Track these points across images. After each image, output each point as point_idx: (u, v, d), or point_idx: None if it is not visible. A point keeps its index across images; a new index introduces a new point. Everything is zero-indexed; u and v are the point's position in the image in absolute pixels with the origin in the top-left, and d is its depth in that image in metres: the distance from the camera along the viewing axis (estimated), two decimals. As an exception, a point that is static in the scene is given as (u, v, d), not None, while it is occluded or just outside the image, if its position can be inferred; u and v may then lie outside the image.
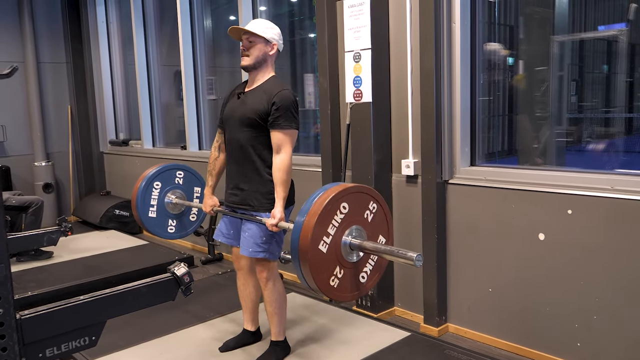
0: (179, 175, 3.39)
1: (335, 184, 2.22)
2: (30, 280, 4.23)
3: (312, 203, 2.09)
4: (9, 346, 1.51)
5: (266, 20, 2.71)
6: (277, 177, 2.58)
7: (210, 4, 5.59)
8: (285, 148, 2.58)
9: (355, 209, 2.13)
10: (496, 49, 3.62)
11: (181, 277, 2.28)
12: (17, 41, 6.33)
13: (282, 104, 2.55)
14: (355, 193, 2.14)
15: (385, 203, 2.28)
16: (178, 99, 6.14)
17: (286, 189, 2.59)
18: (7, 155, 6.33)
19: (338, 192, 2.08)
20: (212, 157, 2.94)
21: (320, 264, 2.07)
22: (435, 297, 3.26)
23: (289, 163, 2.58)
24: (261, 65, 2.67)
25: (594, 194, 2.64)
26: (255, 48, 2.64)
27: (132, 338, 3.22)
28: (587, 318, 2.71)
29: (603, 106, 3.77)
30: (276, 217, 2.54)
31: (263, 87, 2.67)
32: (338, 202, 2.07)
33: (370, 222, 2.20)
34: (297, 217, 2.11)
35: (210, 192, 2.99)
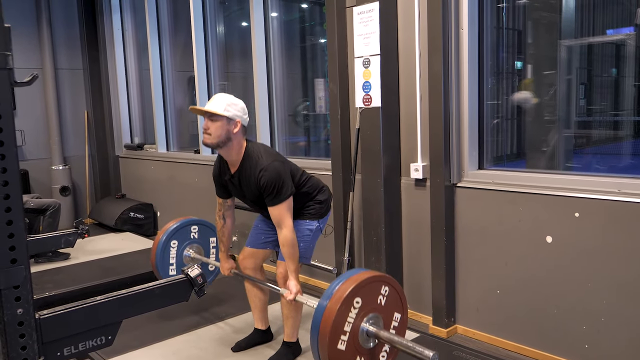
0: (193, 230, 3.50)
1: (348, 276, 2.20)
2: (48, 281, 4.33)
3: (328, 299, 2.10)
4: (29, 345, 1.56)
5: (228, 96, 2.68)
6: (284, 252, 2.65)
7: (223, 10, 5.67)
8: (284, 222, 2.62)
9: (368, 299, 2.16)
10: (527, 97, 3.70)
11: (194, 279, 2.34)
12: (36, 48, 6.47)
13: (268, 183, 2.58)
14: (366, 285, 2.16)
15: (395, 282, 2.29)
16: (191, 104, 6.23)
17: (296, 261, 2.65)
18: (26, 159, 6.46)
19: (350, 292, 2.09)
20: (219, 225, 3.02)
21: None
22: (444, 298, 3.29)
23: (292, 235, 2.63)
24: (225, 143, 2.63)
25: (602, 197, 2.66)
26: (216, 127, 2.60)
27: (145, 338, 3.29)
28: (595, 320, 2.72)
29: (611, 109, 3.77)
30: (293, 292, 2.62)
31: (246, 172, 2.68)
32: (351, 300, 2.10)
33: (385, 305, 2.23)
34: (317, 307, 2.15)
35: (225, 257, 3.09)
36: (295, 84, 5.33)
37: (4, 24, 1.37)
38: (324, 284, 4.20)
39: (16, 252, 1.45)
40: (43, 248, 3.79)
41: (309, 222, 2.84)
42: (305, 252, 2.81)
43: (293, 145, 5.15)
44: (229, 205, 2.97)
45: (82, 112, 6.99)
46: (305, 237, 2.80)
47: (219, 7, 5.61)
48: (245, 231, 4.53)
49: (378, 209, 3.48)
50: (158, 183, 6.26)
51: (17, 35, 6.13)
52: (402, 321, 2.32)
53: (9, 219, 1.42)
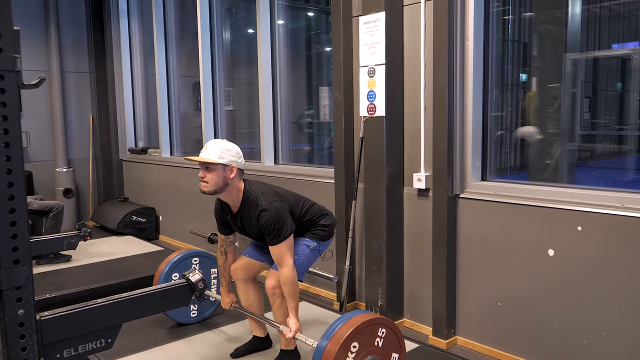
0: (194, 262, 3.52)
1: (345, 319, 2.26)
2: (49, 283, 4.34)
3: (322, 353, 2.17)
4: (29, 346, 1.56)
5: (222, 142, 2.69)
6: (285, 290, 2.67)
7: (229, 17, 5.71)
8: (285, 260, 2.65)
9: (365, 342, 2.22)
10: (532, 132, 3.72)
11: (195, 284, 2.35)
12: (43, 51, 6.52)
13: (268, 223, 2.61)
14: (363, 329, 2.21)
15: (393, 323, 2.34)
16: (196, 109, 6.26)
17: (296, 299, 2.68)
18: (30, 161, 6.49)
19: (345, 338, 2.15)
20: (220, 261, 3.05)
21: None
22: (444, 309, 3.28)
23: (292, 274, 2.65)
24: (223, 189, 2.66)
25: (604, 212, 2.65)
26: (213, 175, 2.62)
27: (145, 342, 3.29)
28: (595, 335, 2.71)
29: (616, 124, 3.77)
30: (292, 330, 2.65)
31: (246, 210, 2.72)
32: (347, 346, 2.15)
33: (382, 346, 2.28)
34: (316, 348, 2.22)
35: (226, 291, 3.11)
36: (300, 91, 5.35)
37: (13, 27, 1.38)
38: (324, 292, 4.20)
39: (19, 253, 1.46)
40: (45, 249, 3.81)
41: (308, 240, 2.88)
42: (299, 268, 2.80)
43: (296, 153, 5.16)
44: (230, 241, 3.02)
45: (87, 115, 7.02)
46: (300, 252, 2.82)
47: (226, 14, 5.64)
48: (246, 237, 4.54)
49: (380, 218, 3.48)
50: (161, 187, 6.28)
51: (25, 38, 6.16)
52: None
53: (13, 220, 1.43)
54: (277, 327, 2.78)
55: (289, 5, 5.03)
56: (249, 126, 5.58)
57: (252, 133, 5.32)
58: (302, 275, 2.87)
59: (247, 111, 5.73)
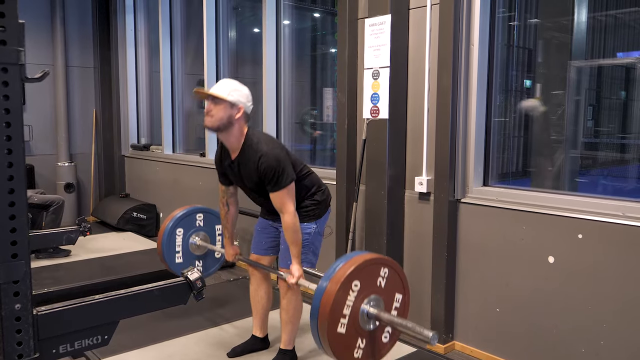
0: (199, 218, 3.48)
1: (345, 259, 2.17)
2: (48, 277, 4.33)
3: (328, 280, 2.09)
4: (25, 340, 1.55)
5: (234, 82, 2.67)
6: (288, 237, 2.64)
7: (235, 16, 5.71)
8: (286, 207, 2.61)
9: (367, 282, 2.14)
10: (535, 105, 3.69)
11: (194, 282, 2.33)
12: (49, 45, 6.52)
13: (268, 169, 2.56)
14: (365, 268, 2.13)
15: (395, 263, 2.28)
16: (199, 107, 6.26)
17: (298, 246, 2.64)
18: (32, 154, 6.49)
19: (346, 277, 2.07)
20: (222, 212, 3.01)
21: (342, 344, 2.09)
22: (443, 314, 3.28)
23: (294, 220, 2.62)
24: (227, 128, 2.62)
25: (605, 220, 2.65)
26: (218, 109, 2.59)
27: (142, 339, 3.28)
28: (594, 343, 2.70)
29: (619, 132, 3.76)
30: (295, 276, 2.61)
31: (245, 158, 2.66)
32: (349, 283, 2.08)
33: (385, 287, 2.21)
34: (317, 289, 2.13)
35: (230, 243, 3.08)
36: (304, 92, 5.35)
37: (18, 20, 1.38)
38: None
39: (17, 247, 1.45)
40: (45, 244, 3.81)
41: (306, 224, 2.78)
42: (307, 256, 2.78)
43: (299, 153, 5.16)
44: (231, 193, 2.96)
45: (90, 110, 7.03)
46: (304, 242, 2.77)
47: (232, 13, 5.64)
48: (246, 236, 4.54)
49: (381, 220, 3.47)
50: (162, 184, 6.28)
51: (30, 32, 6.17)
52: (404, 302, 2.30)
53: (12, 213, 1.43)
54: (279, 274, 2.72)
55: (295, 6, 5.03)
56: (252, 125, 5.56)
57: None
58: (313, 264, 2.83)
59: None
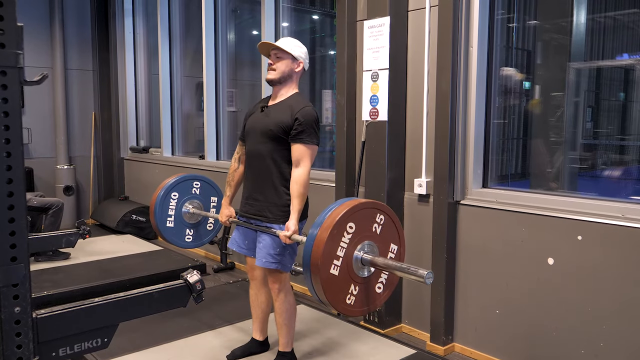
0: (195, 186, 3.45)
1: (340, 202, 2.15)
2: (47, 280, 4.32)
3: (318, 227, 2.05)
4: (24, 344, 1.55)
5: (295, 39, 2.78)
6: (295, 189, 2.62)
7: (234, 18, 5.71)
8: (304, 162, 2.63)
9: (362, 226, 2.10)
10: (511, 74, 3.65)
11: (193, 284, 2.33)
12: (47, 48, 6.53)
13: (305, 119, 2.63)
14: (360, 211, 2.09)
15: (391, 211, 2.23)
16: (199, 110, 6.26)
17: (302, 202, 2.63)
18: (31, 157, 6.49)
19: (342, 216, 2.03)
20: (232, 168, 3.00)
21: (335, 286, 2.06)
22: (443, 316, 3.27)
23: (307, 177, 2.63)
24: (286, 80, 2.75)
25: (605, 221, 2.65)
26: (282, 63, 2.72)
27: (141, 342, 3.28)
28: (594, 345, 2.70)
29: (618, 133, 3.77)
30: (290, 230, 2.57)
31: (287, 102, 2.74)
32: (343, 224, 2.04)
33: (380, 234, 2.16)
34: (307, 236, 2.10)
35: (227, 203, 3.04)
36: (303, 94, 5.34)
37: (16, 23, 1.38)
38: (322, 296, 4.18)
39: (17, 250, 1.45)
40: (44, 247, 3.79)
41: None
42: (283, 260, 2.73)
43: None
44: None
45: (89, 113, 7.02)
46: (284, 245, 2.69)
47: (231, 15, 5.65)
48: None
49: (380, 222, 3.47)
50: (161, 187, 6.27)
51: (29, 34, 6.18)
52: (399, 253, 2.25)
53: (11, 216, 1.42)
54: (273, 230, 2.66)
55: (294, 8, 5.03)
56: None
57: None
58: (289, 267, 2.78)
59: (249, 112, 5.73)
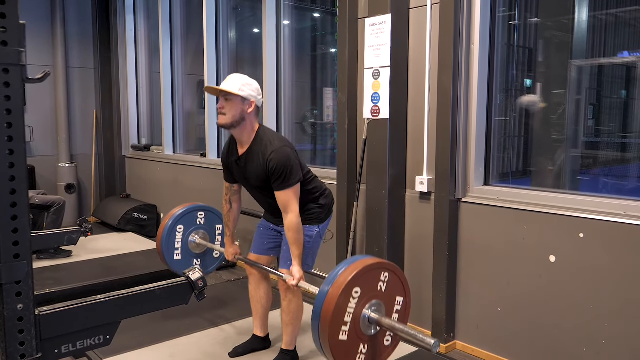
0: (200, 216, 3.48)
1: (343, 267, 2.16)
2: (49, 278, 4.34)
3: (323, 298, 2.09)
4: (27, 341, 1.56)
5: (243, 77, 2.68)
6: (289, 237, 2.64)
7: (235, 16, 5.71)
8: (291, 207, 2.62)
9: (367, 288, 2.15)
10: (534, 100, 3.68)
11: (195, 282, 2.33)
12: (49, 46, 6.53)
13: (277, 165, 2.57)
14: (364, 275, 2.14)
15: (394, 266, 2.28)
16: (200, 108, 6.26)
17: (300, 247, 2.64)
18: (33, 155, 6.50)
19: (347, 284, 2.07)
20: (225, 210, 3.02)
21: (345, 350, 2.09)
22: (444, 313, 3.28)
23: (297, 221, 2.62)
24: (239, 123, 2.65)
25: (607, 219, 2.65)
26: (231, 107, 2.61)
27: (143, 339, 3.29)
28: (595, 342, 2.70)
29: (620, 131, 3.76)
30: (296, 278, 2.60)
31: (255, 150, 2.68)
32: (349, 291, 2.08)
33: (385, 291, 2.22)
34: (315, 299, 2.14)
35: (230, 241, 3.09)
36: (304, 92, 5.35)
37: (19, 21, 1.38)
38: (324, 293, 4.19)
39: (19, 248, 1.45)
40: (46, 245, 3.81)
41: (308, 227, 2.80)
42: (307, 259, 2.79)
43: (300, 153, 5.15)
44: (235, 190, 2.97)
45: (91, 111, 7.03)
46: (305, 245, 2.79)
47: (232, 13, 5.65)
48: (248, 236, 4.53)
49: (381, 220, 3.47)
50: (163, 185, 6.28)
51: (31, 32, 6.18)
52: (405, 304, 2.31)
53: (14, 214, 1.43)
54: (280, 276, 2.71)
55: (295, 6, 5.03)
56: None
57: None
58: (310, 266, 2.84)
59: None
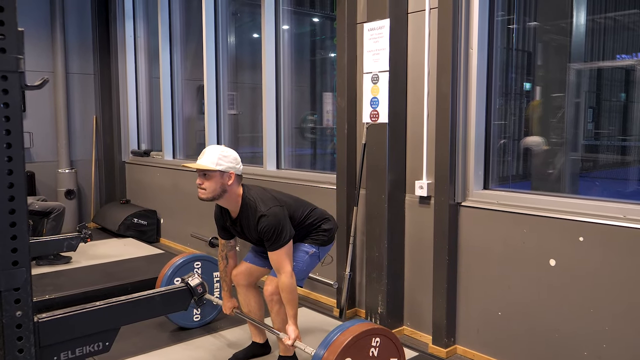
0: (196, 266, 3.52)
1: (331, 340, 2.24)
2: (49, 284, 4.33)
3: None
4: (26, 348, 1.55)
5: (219, 148, 2.68)
6: (284, 297, 2.66)
7: (234, 21, 5.72)
8: (283, 267, 2.63)
9: (358, 356, 2.20)
10: (538, 142, 3.70)
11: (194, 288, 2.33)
12: (48, 52, 6.54)
13: (267, 229, 2.60)
14: (355, 343, 2.19)
15: (385, 330, 2.34)
16: (199, 113, 6.26)
17: (294, 306, 2.66)
18: (33, 161, 6.50)
19: (337, 357, 2.14)
20: (222, 266, 3.04)
21: None
22: (445, 318, 3.27)
23: (290, 281, 2.63)
24: (221, 195, 2.66)
25: (606, 222, 2.64)
26: (210, 182, 2.62)
27: (143, 345, 3.28)
28: (596, 347, 2.69)
29: (619, 134, 3.76)
30: (291, 337, 2.63)
31: (246, 216, 2.72)
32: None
33: (378, 355, 2.28)
34: None
35: (228, 296, 3.11)
36: (304, 96, 5.35)
37: (17, 28, 1.39)
38: (324, 298, 4.18)
39: (18, 254, 1.45)
40: (45, 251, 3.81)
41: (308, 245, 2.87)
42: (298, 274, 2.78)
43: (299, 158, 5.16)
44: (231, 246, 3.01)
45: (90, 117, 7.03)
46: (298, 258, 2.81)
47: (231, 18, 5.66)
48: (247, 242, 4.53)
49: (381, 224, 3.47)
50: (163, 190, 6.28)
51: (30, 38, 6.19)
52: None
53: (13, 220, 1.43)
54: (276, 334, 2.76)
55: (294, 11, 5.04)
56: (252, 130, 5.59)
57: (254, 137, 5.32)
58: (302, 281, 2.86)
59: (250, 115, 5.73)
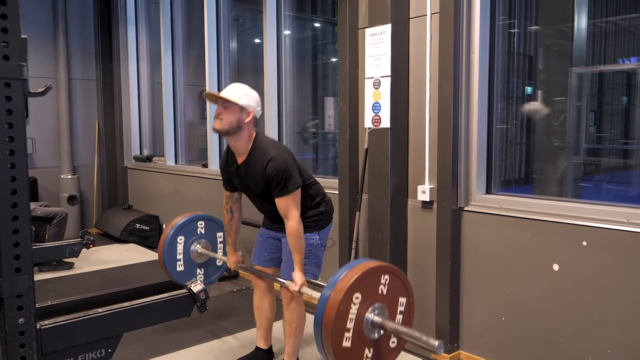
0: (200, 226, 3.47)
1: (341, 275, 2.13)
2: (51, 290, 4.32)
3: (324, 308, 2.07)
4: (28, 355, 1.55)
5: (244, 86, 2.67)
6: (290, 243, 2.63)
7: (236, 27, 5.74)
8: (291, 213, 2.61)
9: (368, 292, 2.13)
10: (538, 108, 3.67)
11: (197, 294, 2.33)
12: (51, 58, 6.56)
13: (275, 173, 2.56)
14: (364, 279, 2.12)
15: (394, 268, 2.26)
16: (201, 118, 6.27)
17: (301, 252, 2.63)
18: (35, 167, 6.51)
19: (346, 292, 2.05)
20: (226, 219, 3.01)
21: (349, 357, 2.07)
22: (448, 323, 3.26)
23: (298, 226, 2.61)
24: (236, 131, 2.62)
25: (610, 227, 2.63)
26: (229, 114, 2.59)
27: (145, 352, 3.27)
28: (601, 352, 2.68)
29: (621, 137, 3.76)
30: (298, 283, 2.60)
31: (253, 160, 2.66)
32: (349, 298, 2.07)
33: (387, 294, 2.21)
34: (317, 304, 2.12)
35: (232, 250, 3.09)
36: (305, 101, 5.36)
37: (20, 35, 1.39)
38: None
39: (21, 261, 1.45)
40: (48, 257, 3.79)
41: (309, 235, 2.79)
42: (311, 268, 2.78)
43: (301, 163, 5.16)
44: (236, 199, 2.97)
45: (93, 123, 7.05)
46: (307, 253, 2.77)
47: (233, 24, 5.67)
48: (249, 246, 4.53)
49: (384, 229, 3.47)
50: (165, 195, 6.28)
51: (33, 45, 6.21)
52: (409, 304, 2.30)
53: (16, 227, 1.43)
54: (282, 283, 2.71)
55: (295, 16, 5.05)
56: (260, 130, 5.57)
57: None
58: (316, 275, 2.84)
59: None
